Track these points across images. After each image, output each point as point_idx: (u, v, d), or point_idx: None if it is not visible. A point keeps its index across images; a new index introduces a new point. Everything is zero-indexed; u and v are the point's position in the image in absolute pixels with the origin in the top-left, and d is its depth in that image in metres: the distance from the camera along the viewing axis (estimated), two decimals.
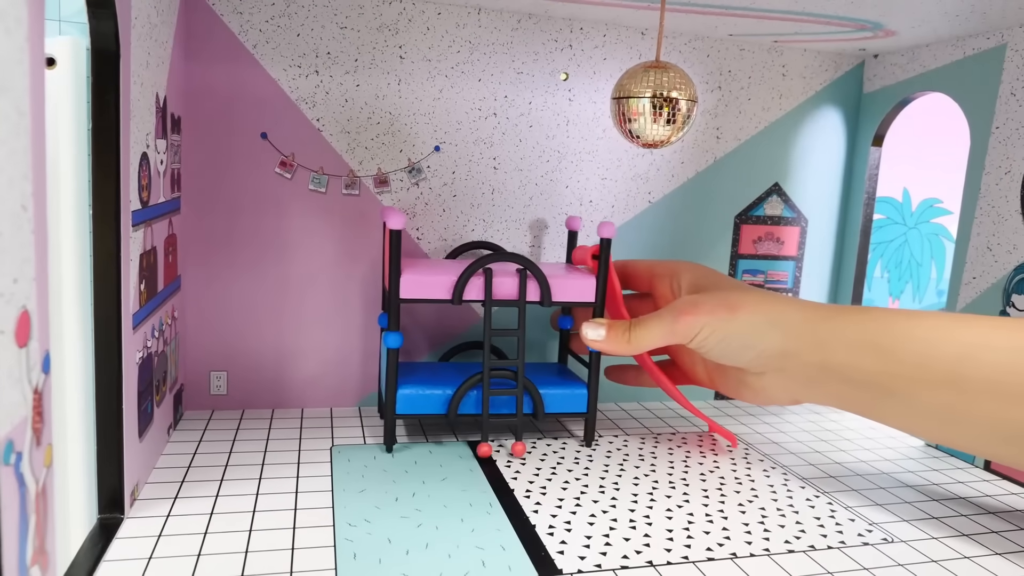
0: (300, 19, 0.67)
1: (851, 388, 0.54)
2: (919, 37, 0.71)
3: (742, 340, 0.57)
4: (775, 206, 0.83)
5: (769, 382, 0.59)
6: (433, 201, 0.72)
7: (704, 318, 0.58)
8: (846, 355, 0.53)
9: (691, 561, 0.47)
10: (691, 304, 0.59)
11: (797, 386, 0.58)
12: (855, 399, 0.55)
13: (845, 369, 0.54)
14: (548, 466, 0.61)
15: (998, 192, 0.66)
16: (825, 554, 0.49)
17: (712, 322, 0.58)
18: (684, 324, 0.58)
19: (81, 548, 0.44)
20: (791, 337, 0.56)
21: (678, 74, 0.54)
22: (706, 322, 0.58)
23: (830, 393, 0.56)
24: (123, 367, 0.46)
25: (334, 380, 0.73)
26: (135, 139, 0.48)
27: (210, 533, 0.47)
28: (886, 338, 0.52)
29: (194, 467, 0.57)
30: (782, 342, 0.56)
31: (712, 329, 0.58)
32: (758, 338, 0.57)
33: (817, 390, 0.57)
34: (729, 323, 0.57)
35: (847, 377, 0.54)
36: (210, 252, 0.68)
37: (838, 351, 0.54)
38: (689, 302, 0.60)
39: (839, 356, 0.54)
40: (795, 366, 0.56)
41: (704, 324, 0.58)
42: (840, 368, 0.54)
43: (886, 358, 0.52)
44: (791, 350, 0.56)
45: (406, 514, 0.51)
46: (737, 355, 0.58)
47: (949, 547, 0.51)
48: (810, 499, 0.58)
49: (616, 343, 0.61)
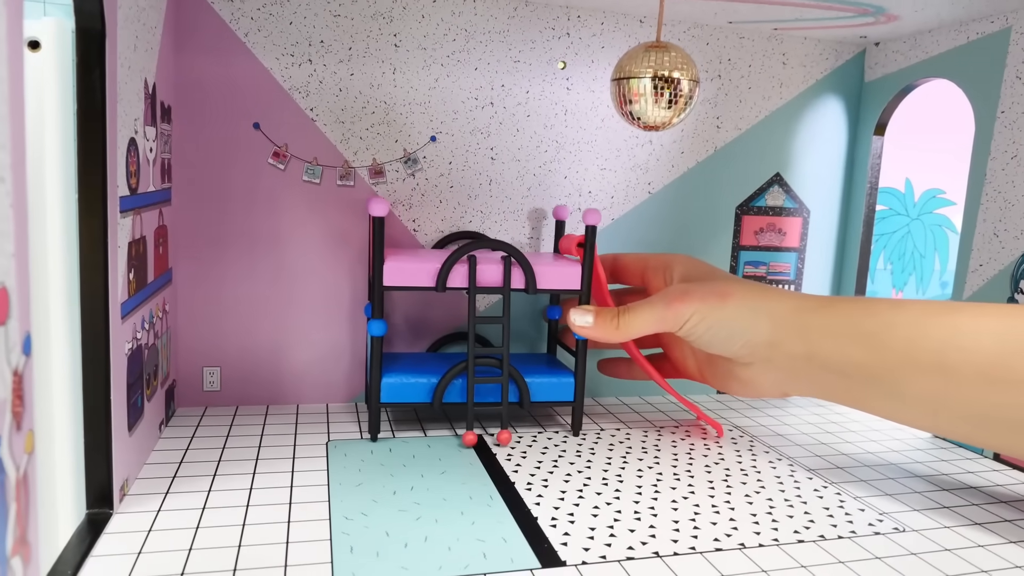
0: (292, 7, 0.65)
1: (838, 378, 0.54)
2: (921, 22, 0.70)
3: (730, 329, 0.57)
4: (776, 197, 0.82)
5: (756, 373, 0.59)
6: (430, 192, 0.71)
7: (695, 305, 0.58)
8: (832, 345, 0.53)
9: (699, 552, 0.46)
10: (682, 291, 0.59)
11: (784, 377, 0.58)
12: (843, 390, 0.55)
13: (832, 359, 0.53)
14: (550, 458, 0.60)
15: (1004, 177, 0.65)
16: (836, 543, 0.48)
17: (702, 309, 0.58)
18: (674, 311, 0.58)
19: (68, 543, 0.43)
20: (778, 327, 0.56)
21: (679, 54, 0.53)
22: (696, 309, 0.58)
23: (818, 384, 0.56)
24: (111, 356, 0.45)
25: (330, 375, 0.71)
26: (123, 123, 0.47)
27: (202, 527, 0.46)
28: (872, 327, 0.52)
29: (186, 462, 0.56)
30: (769, 332, 0.56)
31: (702, 316, 0.58)
32: (746, 327, 0.57)
33: (804, 381, 0.57)
34: (719, 311, 0.57)
35: (834, 367, 0.54)
36: (202, 244, 0.67)
37: (824, 341, 0.54)
38: (680, 290, 0.60)
39: (825, 346, 0.54)
40: (781, 356, 0.56)
41: (694, 311, 0.58)
42: (827, 358, 0.54)
43: (872, 347, 0.51)
44: (777, 340, 0.56)
45: (404, 507, 0.50)
46: (725, 344, 0.58)
47: (962, 535, 0.50)
48: (818, 489, 0.56)
49: (604, 329, 0.61)
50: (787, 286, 0.84)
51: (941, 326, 0.49)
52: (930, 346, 0.49)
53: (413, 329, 0.74)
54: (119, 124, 0.46)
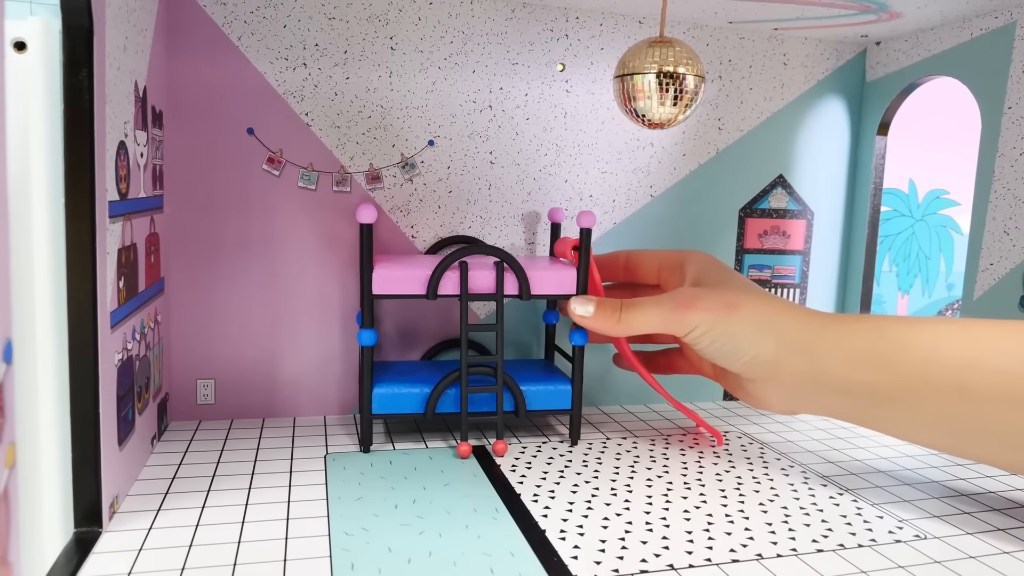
0: (287, 10, 0.64)
1: (847, 399, 0.52)
2: (924, 19, 0.69)
3: (735, 344, 0.55)
4: (780, 199, 0.80)
5: (762, 390, 0.57)
6: (428, 197, 0.70)
7: (702, 314, 0.56)
8: (841, 366, 0.51)
9: (715, 563, 0.44)
10: (691, 297, 0.57)
11: (790, 396, 0.56)
12: (853, 410, 0.53)
13: (840, 380, 0.52)
14: (555, 468, 0.58)
15: (1013, 174, 0.64)
16: (856, 552, 0.46)
17: (708, 319, 0.56)
18: (680, 316, 0.56)
19: (55, 564, 0.41)
20: (783, 346, 0.54)
21: (684, 49, 0.52)
22: (703, 319, 0.56)
23: (826, 404, 0.54)
24: (100, 367, 0.43)
25: (327, 386, 0.69)
26: (112, 124, 0.45)
27: (196, 545, 0.44)
28: (884, 348, 0.50)
29: (179, 478, 0.54)
30: (774, 351, 0.54)
31: (708, 327, 0.56)
32: (750, 344, 0.55)
33: (811, 401, 0.55)
34: (725, 323, 0.55)
35: (842, 388, 0.52)
36: (195, 253, 0.65)
37: (832, 361, 0.52)
38: (690, 294, 0.58)
39: (833, 367, 0.52)
40: (786, 375, 0.54)
41: (701, 320, 0.56)
42: (835, 379, 0.52)
43: (884, 368, 0.50)
44: (782, 359, 0.54)
45: (407, 521, 0.48)
46: (730, 359, 0.56)
47: (985, 542, 0.48)
48: (833, 496, 0.55)
49: (605, 321, 0.59)
50: (793, 290, 0.82)
51: (959, 347, 0.48)
52: (948, 368, 0.47)
53: (405, 337, 0.72)
54: (108, 126, 0.44)
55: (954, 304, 1.00)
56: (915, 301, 0.97)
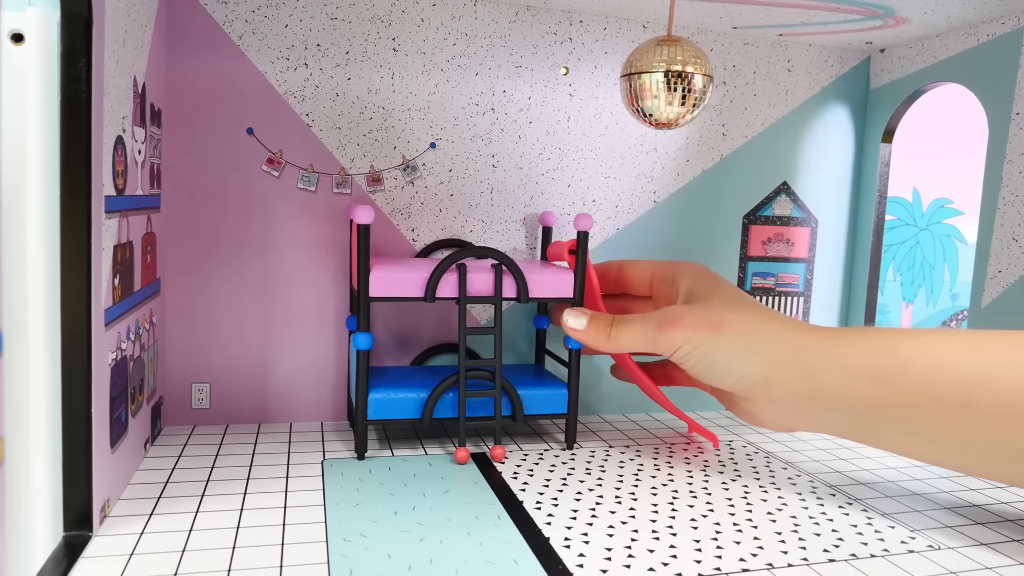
0: (288, 9, 0.63)
1: (846, 416, 0.50)
2: (930, 25, 0.69)
3: (722, 363, 0.54)
4: (784, 206, 0.80)
5: (756, 408, 0.56)
6: (429, 200, 0.69)
7: (687, 332, 0.54)
8: (838, 382, 0.50)
9: (725, 573, 0.43)
10: (674, 316, 0.56)
11: (786, 413, 0.54)
12: (851, 427, 0.51)
13: (838, 397, 0.50)
14: (558, 475, 0.57)
15: (1021, 180, 0.64)
16: (869, 563, 0.45)
17: (694, 338, 0.54)
18: (664, 335, 0.55)
19: (43, 568, 0.39)
20: (775, 363, 0.52)
21: (691, 48, 0.51)
22: (688, 337, 0.54)
23: (824, 421, 0.52)
24: (93, 365, 0.42)
25: (324, 392, 0.68)
26: (109, 118, 0.44)
27: (189, 551, 0.42)
28: (885, 363, 0.48)
29: (173, 482, 0.52)
30: (765, 368, 0.52)
31: (694, 346, 0.54)
32: (738, 363, 0.53)
33: (808, 418, 0.53)
34: (710, 341, 0.54)
35: (841, 406, 0.50)
36: (192, 254, 0.64)
37: (829, 376, 0.50)
38: (674, 313, 0.56)
39: (831, 382, 0.50)
40: (780, 393, 0.52)
41: (686, 339, 0.54)
42: (832, 396, 0.50)
43: (884, 384, 0.48)
44: (775, 377, 0.52)
45: (407, 528, 0.47)
46: (719, 378, 0.55)
47: (1001, 553, 0.47)
48: (843, 506, 0.54)
49: (596, 337, 0.58)
50: (796, 299, 0.81)
51: (964, 362, 0.46)
52: (955, 381, 0.46)
53: (398, 341, 0.70)
54: (106, 119, 0.44)
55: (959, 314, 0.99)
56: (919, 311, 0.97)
